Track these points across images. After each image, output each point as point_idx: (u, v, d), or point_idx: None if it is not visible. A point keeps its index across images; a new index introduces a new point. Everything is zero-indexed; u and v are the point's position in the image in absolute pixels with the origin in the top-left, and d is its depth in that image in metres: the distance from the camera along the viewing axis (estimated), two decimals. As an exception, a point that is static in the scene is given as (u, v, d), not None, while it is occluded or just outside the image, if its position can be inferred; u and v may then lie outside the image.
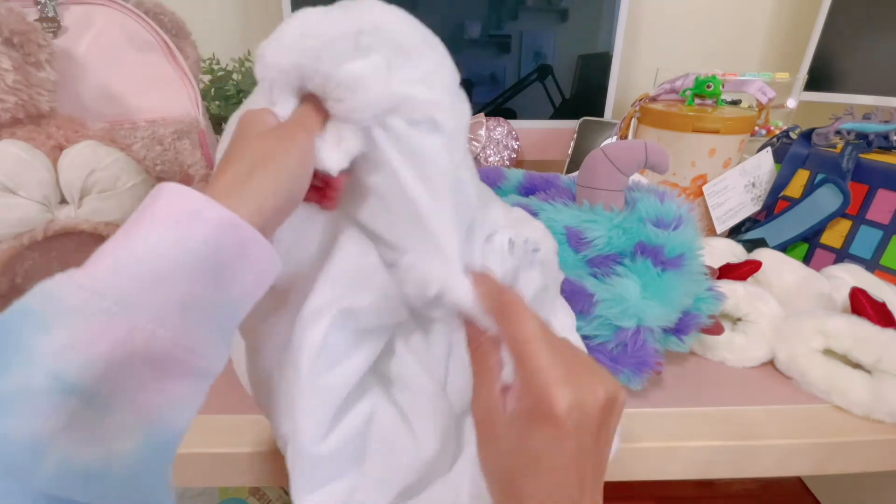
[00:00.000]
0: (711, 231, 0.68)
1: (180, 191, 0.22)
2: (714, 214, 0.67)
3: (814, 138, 0.65)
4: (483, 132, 0.84)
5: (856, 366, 0.43)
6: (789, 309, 0.49)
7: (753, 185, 0.68)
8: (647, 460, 0.40)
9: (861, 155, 0.60)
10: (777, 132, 0.74)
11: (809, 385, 0.44)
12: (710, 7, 1.00)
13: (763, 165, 0.68)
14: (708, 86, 0.69)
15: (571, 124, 0.87)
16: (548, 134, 0.90)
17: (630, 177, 0.43)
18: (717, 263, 0.52)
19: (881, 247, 0.57)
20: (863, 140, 0.62)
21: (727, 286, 0.48)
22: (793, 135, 0.69)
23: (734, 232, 0.70)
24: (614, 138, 0.78)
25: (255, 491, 0.82)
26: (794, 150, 0.66)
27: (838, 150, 0.62)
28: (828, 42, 0.84)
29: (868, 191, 0.58)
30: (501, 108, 0.89)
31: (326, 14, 0.25)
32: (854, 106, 0.70)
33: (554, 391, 0.21)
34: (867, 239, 0.58)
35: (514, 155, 0.87)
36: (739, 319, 0.49)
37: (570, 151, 0.86)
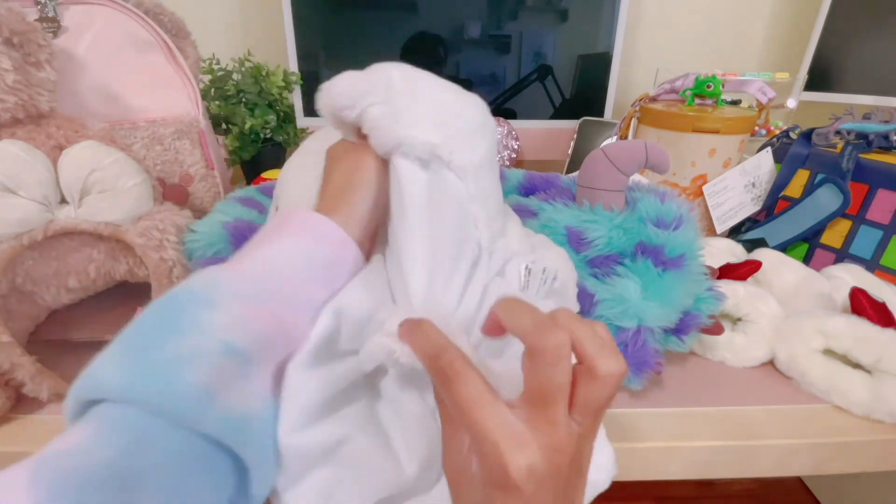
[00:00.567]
0: (711, 231, 0.68)
1: (310, 214, 0.29)
2: (714, 214, 0.67)
3: (814, 138, 0.65)
4: (483, 132, 0.84)
5: (856, 366, 0.43)
6: (789, 309, 0.49)
7: (753, 185, 0.68)
8: (647, 460, 0.40)
9: (861, 155, 0.60)
10: (777, 132, 0.74)
11: (809, 385, 0.44)
12: (710, 7, 1.00)
13: (763, 165, 0.68)
14: (708, 86, 0.69)
15: (571, 124, 0.87)
16: (548, 134, 0.90)
17: (630, 177, 0.43)
18: (717, 263, 0.52)
19: (881, 247, 0.57)
20: (863, 140, 0.62)
21: (727, 286, 0.48)
22: (793, 135, 0.69)
23: (734, 232, 0.70)
24: (614, 138, 0.78)
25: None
26: (794, 150, 0.66)
27: (838, 150, 0.62)
28: (828, 42, 0.84)
29: (868, 191, 0.58)
30: (501, 108, 0.89)
31: (362, 73, 0.32)
32: (854, 106, 0.70)
33: (507, 459, 0.19)
34: (867, 239, 0.58)
35: (514, 155, 0.87)
36: (739, 319, 0.49)
37: (570, 151, 0.86)
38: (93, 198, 0.41)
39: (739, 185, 0.67)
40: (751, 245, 0.61)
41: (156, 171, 0.55)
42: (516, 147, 0.87)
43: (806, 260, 0.63)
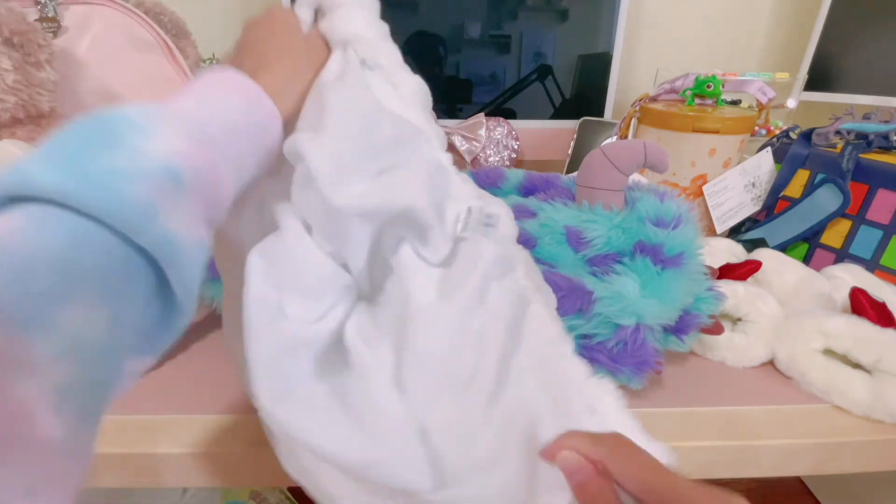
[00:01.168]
0: (711, 231, 0.68)
1: (243, 78, 0.27)
2: (714, 214, 0.67)
3: (814, 138, 0.65)
4: (483, 132, 0.84)
5: (856, 366, 0.43)
6: (789, 309, 0.49)
7: (753, 185, 0.68)
8: (647, 460, 0.39)
9: (861, 155, 0.60)
10: (777, 132, 0.74)
11: (809, 385, 0.44)
12: (710, 7, 1.00)
13: (763, 165, 0.68)
14: (708, 86, 0.69)
15: (571, 124, 0.87)
16: (548, 134, 0.90)
17: (629, 176, 0.43)
18: (717, 263, 0.52)
19: (881, 247, 0.57)
20: (863, 140, 0.62)
21: (727, 286, 0.48)
22: (793, 135, 0.69)
23: (734, 232, 0.70)
24: (614, 138, 0.78)
25: (256, 495, 0.82)
26: (794, 150, 0.66)
27: (838, 150, 0.62)
28: (828, 42, 0.84)
29: (868, 191, 0.58)
30: (501, 108, 0.89)
31: None
32: (854, 106, 0.70)
33: None
34: (867, 239, 0.58)
35: (514, 155, 0.87)
36: (739, 319, 0.49)
37: (570, 151, 0.86)
38: (93, 197, 0.41)
39: (739, 185, 0.67)
40: (751, 245, 0.61)
41: (156, 171, 0.55)
42: (516, 147, 0.87)
43: (806, 260, 0.63)
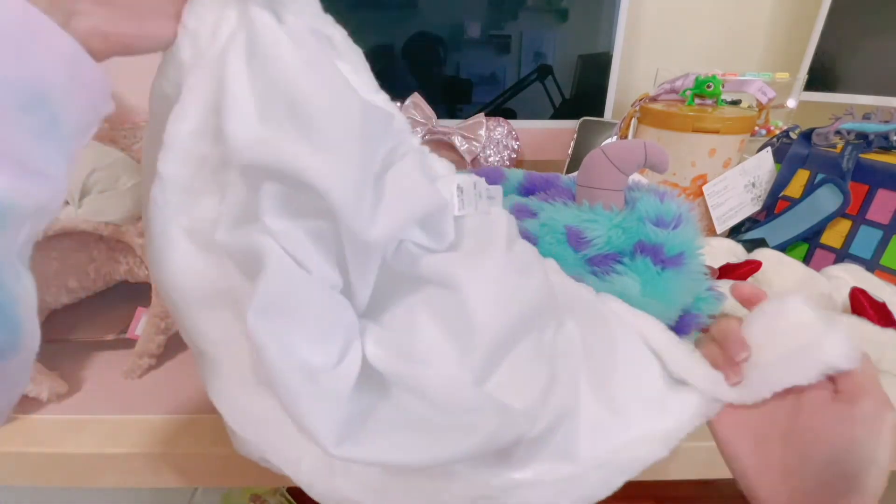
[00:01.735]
0: (711, 231, 0.68)
1: None
2: (714, 214, 0.67)
3: (814, 138, 0.65)
4: (483, 132, 0.84)
5: (856, 365, 0.43)
6: (789, 309, 0.49)
7: (753, 185, 0.68)
8: (647, 460, 0.39)
9: (861, 155, 0.60)
10: (777, 132, 0.74)
11: (809, 385, 0.44)
12: (710, 7, 1.00)
13: (763, 165, 0.68)
14: (708, 86, 0.69)
15: (571, 124, 0.87)
16: (548, 134, 0.90)
17: (630, 176, 0.43)
18: (717, 263, 0.52)
19: (881, 247, 0.57)
20: (863, 140, 0.62)
21: (727, 286, 0.48)
22: (793, 135, 0.69)
23: (734, 232, 0.70)
24: (614, 138, 0.78)
25: (256, 497, 0.83)
26: (794, 150, 0.66)
27: (838, 150, 0.62)
28: (828, 42, 0.84)
29: (868, 191, 0.58)
30: (501, 108, 0.89)
31: None
32: (854, 106, 0.70)
33: None
34: (867, 239, 0.58)
35: (514, 155, 0.87)
36: (739, 319, 0.49)
37: (570, 151, 0.86)
38: (93, 198, 0.41)
39: (739, 185, 0.67)
40: (751, 245, 0.61)
41: (156, 171, 0.55)
42: (516, 147, 0.87)
43: (806, 260, 0.63)
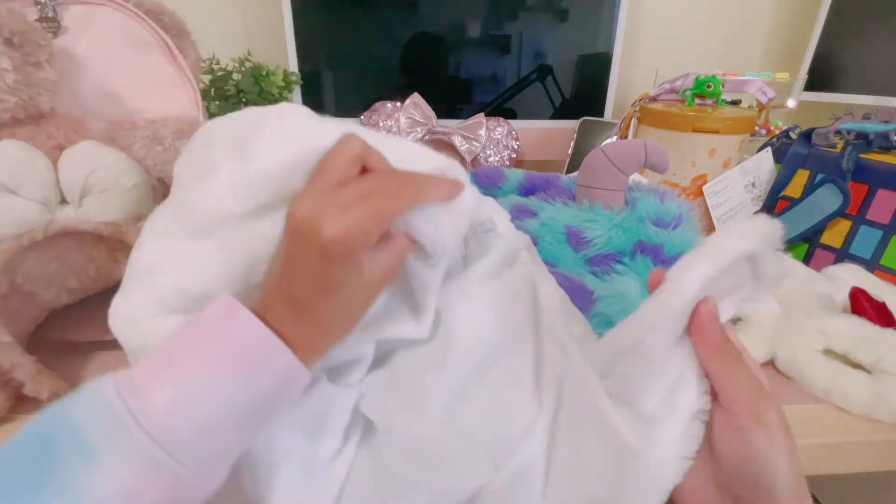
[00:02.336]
0: (711, 231, 0.68)
1: (251, 325, 0.21)
2: (714, 214, 0.67)
3: (814, 138, 0.65)
4: (483, 132, 0.84)
5: (856, 366, 0.43)
6: (789, 309, 0.49)
7: (753, 185, 0.68)
8: (647, 460, 0.39)
9: (861, 155, 0.60)
10: (777, 132, 0.74)
11: (809, 385, 0.44)
12: (710, 7, 1.00)
13: (763, 165, 0.68)
14: (708, 86, 0.69)
15: (571, 124, 0.87)
16: (548, 134, 0.90)
17: (630, 176, 0.43)
18: (717, 263, 0.52)
19: (881, 247, 0.57)
20: (863, 140, 0.62)
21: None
22: (793, 135, 0.69)
23: (734, 232, 0.70)
24: (614, 138, 0.78)
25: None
26: (794, 150, 0.66)
27: (838, 150, 0.62)
28: (828, 42, 0.84)
29: (868, 191, 0.58)
30: (501, 108, 0.89)
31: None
32: (854, 106, 0.70)
33: None
34: (867, 239, 0.58)
35: (514, 155, 0.87)
36: (739, 319, 0.49)
37: (570, 151, 0.86)
38: (93, 198, 0.41)
39: (739, 185, 0.67)
40: (751, 245, 0.61)
41: (156, 172, 0.55)
42: (516, 147, 0.87)
43: (806, 260, 0.63)
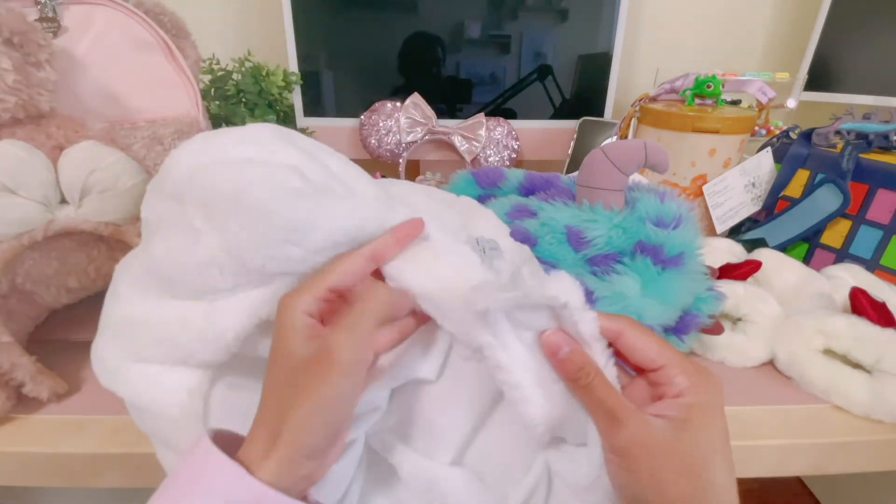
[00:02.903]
0: (711, 231, 0.68)
1: (230, 472, 0.22)
2: (714, 214, 0.67)
3: (814, 138, 0.65)
4: (483, 132, 0.84)
5: (856, 366, 0.43)
6: (789, 309, 0.49)
7: (753, 185, 0.68)
8: (647, 460, 0.39)
9: (861, 155, 0.60)
10: (777, 132, 0.74)
11: (809, 385, 0.44)
12: (710, 7, 1.00)
13: (763, 165, 0.68)
14: (708, 86, 0.69)
15: (571, 124, 0.87)
16: (548, 134, 0.90)
17: (630, 176, 0.43)
18: (717, 263, 0.52)
19: (881, 247, 0.57)
20: (863, 140, 0.62)
21: (727, 286, 0.48)
22: (793, 135, 0.69)
23: (734, 232, 0.70)
24: (614, 138, 0.78)
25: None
26: (794, 150, 0.66)
27: (838, 150, 0.62)
28: (828, 42, 0.84)
29: (868, 191, 0.58)
30: (501, 108, 0.89)
31: None
32: (854, 106, 0.70)
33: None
34: (867, 239, 0.58)
35: (514, 155, 0.87)
36: (739, 319, 0.49)
37: (570, 151, 0.86)
38: (93, 198, 0.41)
39: (739, 185, 0.67)
40: (751, 245, 0.61)
41: (156, 171, 0.55)
42: (516, 147, 0.87)
43: (806, 260, 0.63)
